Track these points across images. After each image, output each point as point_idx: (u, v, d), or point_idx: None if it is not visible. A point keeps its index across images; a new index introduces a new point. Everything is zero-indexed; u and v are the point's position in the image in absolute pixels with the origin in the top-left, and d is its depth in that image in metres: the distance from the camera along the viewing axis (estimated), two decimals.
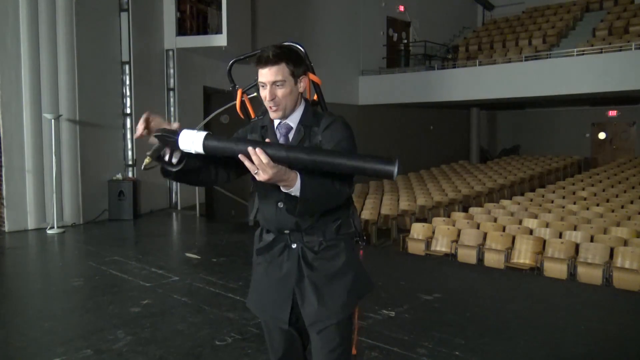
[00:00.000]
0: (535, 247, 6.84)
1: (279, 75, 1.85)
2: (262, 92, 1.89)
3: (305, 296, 1.93)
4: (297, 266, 1.95)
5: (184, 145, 1.69)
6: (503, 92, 14.18)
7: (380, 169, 1.58)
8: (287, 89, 1.87)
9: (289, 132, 1.96)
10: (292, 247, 1.96)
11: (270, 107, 1.89)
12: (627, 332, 4.12)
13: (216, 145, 1.67)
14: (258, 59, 1.85)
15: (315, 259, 1.94)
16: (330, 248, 1.96)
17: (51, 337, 3.78)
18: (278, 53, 1.84)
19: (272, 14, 12.68)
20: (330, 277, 1.95)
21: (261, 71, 1.85)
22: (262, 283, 2.04)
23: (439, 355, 3.48)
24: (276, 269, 1.99)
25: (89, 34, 8.79)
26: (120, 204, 9.08)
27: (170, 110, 10.40)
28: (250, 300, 2.11)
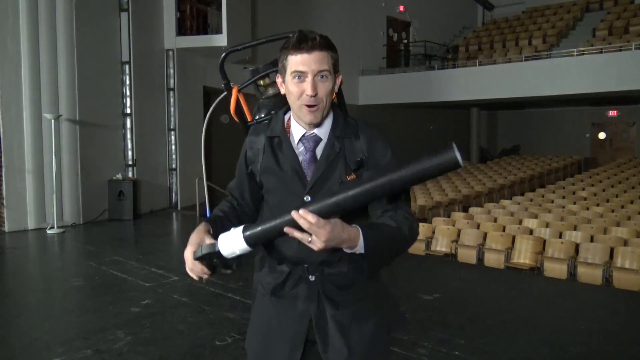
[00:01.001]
0: (535, 247, 6.84)
1: (324, 63, 1.47)
2: (297, 87, 1.47)
3: (329, 340, 1.54)
4: (317, 304, 1.55)
5: (228, 252, 1.43)
6: (503, 92, 14.19)
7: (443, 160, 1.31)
8: (330, 85, 1.49)
9: (316, 146, 1.54)
10: (311, 280, 1.56)
11: (308, 108, 1.47)
12: (627, 332, 4.12)
13: (259, 233, 1.41)
14: (299, 40, 1.45)
15: (339, 294, 1.55)
16: (357, 279, 1.57)
17: (51, 337, 3.78)
18: (323, 38, 1.48)
19: (272, 14, 12.68)
20: (359, 315, 1.57)
21: (300, 57, 1.45)
22: (268, 322, 1.61)
23: (439, 355, 3.47)
24: (287, 306, 1.58)
25: (89, 34, 8.79)
26: (120, 204, 9.08)
27: (170, 110, 10.40)
28: (250, 342, 1.68)
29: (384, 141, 1.57)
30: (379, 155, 1.54)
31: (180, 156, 10.38)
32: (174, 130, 10.39)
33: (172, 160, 10.45)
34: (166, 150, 10.41)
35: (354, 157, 1.53)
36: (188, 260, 1.46)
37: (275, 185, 1.56)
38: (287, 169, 1.53)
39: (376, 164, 1.52)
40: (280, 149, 1.55)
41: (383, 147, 1.56)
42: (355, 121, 1.60)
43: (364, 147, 1.54)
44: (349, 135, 1.55)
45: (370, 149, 1.54)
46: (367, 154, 1.53)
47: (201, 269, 1.44)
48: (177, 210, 10.19)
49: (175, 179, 10.45)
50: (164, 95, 10.35)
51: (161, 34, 10.26)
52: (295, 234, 1.35)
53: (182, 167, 10.38)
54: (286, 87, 1.51)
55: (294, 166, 1.52)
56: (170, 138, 10.43)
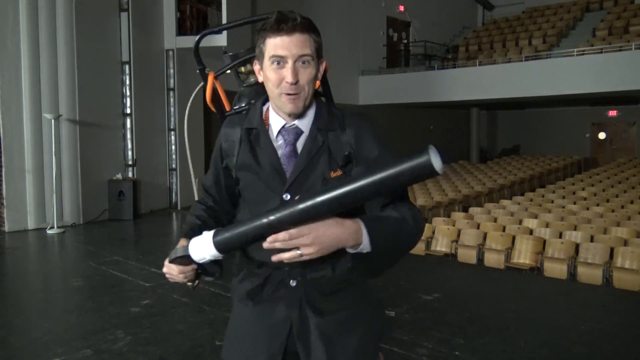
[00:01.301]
0: (535, 247, 6.84)
1: (306, 47, 1.31)
2: (276, 73, 1.32)
3: (312, 352, 1.40)
4: (299, 311, 1.40)
5: (198, 257, 1.31)
6: (503, 92, 14.18)
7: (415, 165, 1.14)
8: (312, 71, 1.34)
9: (297, 139, 1.40)
10: (291, 285, 1.41)
11: (288, 96, 1.33)
12: (627, 332, 4.12)
13: (229, 239, 1.27)
14: (278, 20, 1.30)
15: (323, 301, 1.41)
16: (343, 284, 1.43)
17: (51, 337, 3.78)
18: (305, 19, 1.33)
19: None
20: (345, 324, 1.42)
21: (280, 39, 1.30)
22: (244, 330, 1.48)
23: (439, 355, 3.48)
24: (265, 313, 1.43)
25: (89, 34, 8.79)
26: (120, 204, 9.08)
27: (170, 110, 10.40)
28: (226, 352, 1.54)
29: (373, 132, 1.42)
30: (368, 148, 1.39)
31: (180, 156, 10.38)
32: (174, 130, 10.39)
33: (172, 160, 10.46)
34: (166, 150, 10.41)
35: (341, 152, 1.38)
36: (165, 265, 1.36)
37: (252, 182, 1.43)
38: (264, 164, 1.40)
39: (366, 159, 1.38)
40: (258, 143, 1.42)
41: (372, 139, 1.41)
42: (341, 111, 1.45)
43: (352, 140, 1.39)
44: (334, 128, 1.40)
45: (358, 141, 1.39)
46: (355, 148, 1.39)
47: (178, 271, 1.33)
48: (177, 210, 10.19)
49: (175, 179, 10.46)
50: (164, 95, 10.35)
51: (161, 34, 10.26)
52: (284, 256, 1.21)
53: (182, 167, 10.38)
54: (264, 73, 1.36)
55: (272, 161, 1.39)
56: (170, 138, 10.43)
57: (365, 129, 1.42)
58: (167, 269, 1.36)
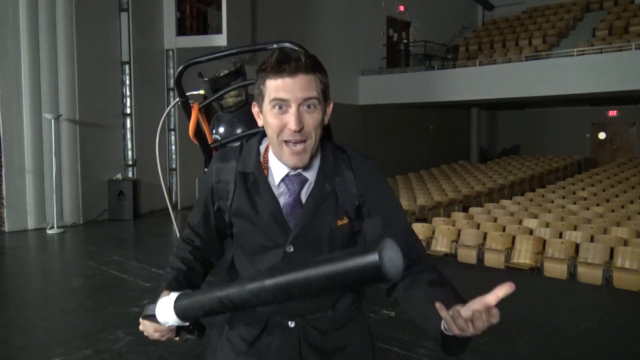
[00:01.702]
0: (535, 247, 6.84)
1: (312, 89, 1.19)
2: (277, 119, 1.19)
3: None
4: (298, 353, 1.32)
5: (163, 320, 1.19)
6: (503, 92, 14.18)
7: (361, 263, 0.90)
8: (319, 116, 1.21)
9: (301, 187, 1.28)
10: (290, 327, 1.32)
11: (294, 144, 1.19)
12: (627, 332, 4.12)
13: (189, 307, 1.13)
14: (280, 60, 1.17)
15: (324, 340, 1.33)
16: (344, 324, 1.36)
17: (51, 337, 3.78)
18: (310, 58, 1.20)
19: (272, 14, 12.67)
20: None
21: (282, 81, 1.17)
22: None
23: (439, 355, 3.47)
24: (260, 355, 1.34)
25: (89, 34, 8.79)
26: (120, 204, 9.08)
27: (171, 111, 10.40)
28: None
29: (380, 177, 1.34)
30: (377, 198, 1.31)
31: (180, 156, 10.38)
32: (174, 130, 10.39)
33: (172, 160, 10.46)
34: (166, 150, 10.41)
35: (348, 198, 1.28)
36: (140, 322, 1.25)
37: (249, 232, 1.30)
38: (264, 214, 1.27)
39: (379, 209, 1.29)
40: (256, 190, 1.27)
41: (381, 187, 1.32)
42: (346, 152, 1.34)
43: (360, 186, 1.29)
44: (341, 173, 1.29)
45: (367, 189, 1.30)
46: (364, 197, 1.29)
47: (152, 329, 1.21)
48: (177, 210, 10.19)
49: (175, 179, 10.46)
50: (164, 95, 10.34)
51: (161, 34, 10.26)
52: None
53: (182, 167, 10.38)
54: (264, 117, 1.23)
55: (273, 212, 1.26)
56: (170, 138, 10.43)
57: (373, 174, 1.32)
58: (142, 326, 1.24)
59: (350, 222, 1.29)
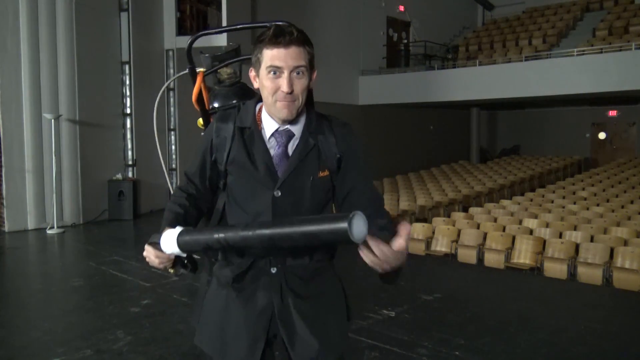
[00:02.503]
0: (535, 247, 6.84)
1: (301, 59, 1.42)
2: (272, 82, 1.42)
3: (296, 333, 1.50)
4: (280, 296, 1.50)
5: (167, 250, 1.40)
6: (503, 92, 14.17)
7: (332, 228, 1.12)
8: (306, 81, 1.45)
9: (289, 141, 1.51)
10: (272, 273, 1.51)
11: (283, 103, 1.43)
12: (627, 332, 4.12)
13: (191, 241, 1.37)
14: (276, 34, 1.39)
15: (302, 285, 1.53)
16: (319, 271, 1.56)
17: (51, 337, 3.78)
18: (301, 33, 1.42)
19: (271, 14, 12.67)
20: (324, 306, 1.56)
21: (277, 51, 1.40)
22: (225, 318, 1.56)
23: (439, 355, 3.48)
24: (247, 299, 1.53)
25: (89, 34, 8.79)
26: (120, 204, 9.08)
27: (170, 110, 10.40)
28: (203, 338, 1.65)
29: (357, 138, 1.58)
30: (353, 155, 1.55)
31: (180, 156, 10.38)
32: (174, 130, 10.39)
33: (172, 160, 10.46)
34: (166, 150, 10.41)
35: (330, 153, 1.52)
36: (145, 248, 1.45)
37: (243, 178, 1.52)
38: (258, 162, 1.50)
39: (353, 167, 1.54)
40: (252, 142, 1.52)
41: (357, 147, 1.56)
42: (327, 117, 1.59)
43: (340, 144, 1.53)
44: (323, 132, 1.53)
45: (345, 147, 1.54)
46: (343, 153, 1.53)
47: (154, 254, 1.41)
48: None
49: (175, 179, 10.45)
50: (164, 95, 10.34)
51: (161, 34, 10.26)
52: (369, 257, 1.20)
53: (182, 167, 10.38)
54: (260, 81, 1.46)
55: (266, 160, 1.49)
56: (170, 138, 10.43)
57: (351, 137, 1.56)
58: (146, 252, 1.44)
59: (330, 175, 1.53)
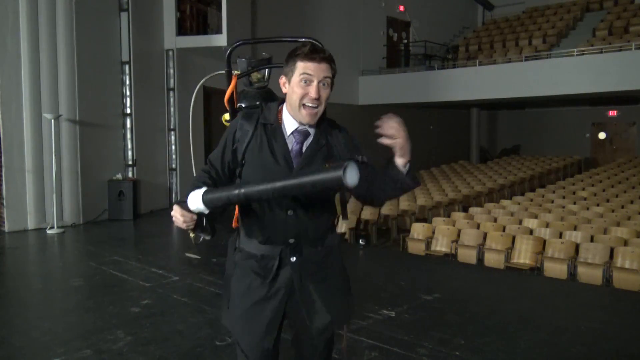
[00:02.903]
0: (535, 247, 6.84)
1: (328, 73, 1.74)
2: (303, 88, 1.72)
3: (314, 308, 1.84)
4: (300, 280, 1.83)
5: (193, 207, 1.68)
6: (503, 92, 14.18)
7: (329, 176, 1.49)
8: (329, 91, 1.77)
9: (305, 139, 1.81)
10: (292, 261, 1.82)
11: (310, 107, 1.73)
12: (627, 332, 4.12)
13: (212, 198, 1.65)
14: (312, 50, 1.71)
15: (317, 270, 1.85)
16: (328, 255, 1.89)
17: (51, 337, 3.78)
18: (329, 54, 1.76)
19: (272, 14, 12.68)
20: (334, 285, 1.89)
21: (310, 64, 1.70)
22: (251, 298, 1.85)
23: (439, 355, 3.48)
24: (269, 285, 1.83)
25: (89, 34, 8.78)
26: (120, 204, 9.08)
27: (170, 110, 10.40)
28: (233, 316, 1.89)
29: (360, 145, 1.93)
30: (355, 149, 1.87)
31: (180, 156, 10.38)
32: (174, 130, 10.38)
33: (172, 160, 10.45)
34: (166, 151, 10.41)
35: (343, 152, 1.83)
36: (173, 208, 1.71)
37: (259, 166, 1.79)
38: (278, 154, 1.78)
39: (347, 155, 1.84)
40: (274, 136, 1.80)
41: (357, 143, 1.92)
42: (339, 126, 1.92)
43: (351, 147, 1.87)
44: (332, 132, 1.85)
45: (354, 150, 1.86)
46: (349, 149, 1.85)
47: (180, 213, 1.68)
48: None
49: (175, 179, 10.45)
50: (164, 95, 10.34)
51: (161, 34, 10.25)
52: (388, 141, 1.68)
53: (182, 167, 10.38)
54: (291, 87, 1.75)
55: (284, 154, 1.78)
56: (170, 138, 10.43)
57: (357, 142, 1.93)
58: (173, 212, 1.70)
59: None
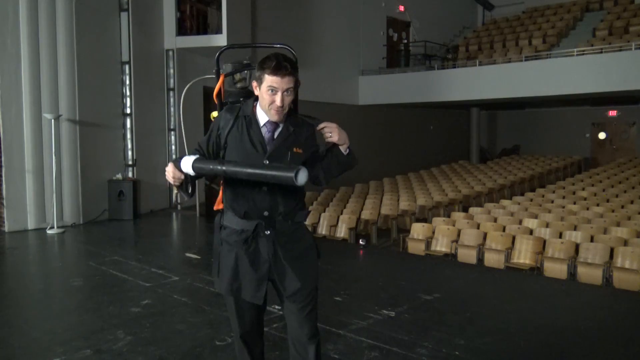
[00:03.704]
0: (535, 247, 6.84)
1: (290, 84, 2.11)
2: (270, 97, 2.12)
3: (286, 273, 2.25)
4: (273, 250, 2.23)
5: (184, 169, 2.10)
6: (503, 92, 14.18)
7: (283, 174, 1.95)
8: (291, 97, 2.15)
9: (275, 129, 2.23)
10: (267, 234, 2.23)
11: (276, 111, 2.14)
12: (627, 332, 4.12)
13: (199, 166, 2.07)
14: (276, 67, 2.08)
15: (287, 242, 2.26)
16: (297, 231, 2.31)
17: (51, 337, 3.78)
18: (292, 65, 2.12)
19: (272, 14, 12.68)
20: (302, 255, 2.30)
21: (275, 78, 2.08)
22: (238, 267, 2.26)
23: (439, 355, 3.48)
24: (252, 253, 2.24)
25: (89, 34, 8.78)
26: (120, 204, 9.08)
27: (170, 110, 10.40)
28: (222, 283, 2.31)
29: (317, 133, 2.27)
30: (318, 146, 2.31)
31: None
32: (174, 130, 10.38)
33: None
34: (166, 151, 10.41)
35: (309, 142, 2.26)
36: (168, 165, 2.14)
37: (241, 149, 2.21)
38: (254, 140, 2.21)
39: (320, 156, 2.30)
40: (250, 126, 2.22)
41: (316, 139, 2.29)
42: (301, 116, 2.30)
43: (311, 136, 2.27)
44: (299, 124, 2.25)
45: (312, 138, 2.28)
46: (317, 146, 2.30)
47: (172, 170, 2.11)
48: (177, 210, 10.18)
49: None
50: (164, 95, 10.34)
51: (161, 34, 10.25)
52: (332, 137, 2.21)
53: None
54: (260, 93, 2.16)
55: (260, 139, 2.21)
56: (170, 138, 10.43)
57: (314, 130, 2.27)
58: (167, 167, 2.13)
59: (304, 153, 2.24)
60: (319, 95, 13.36)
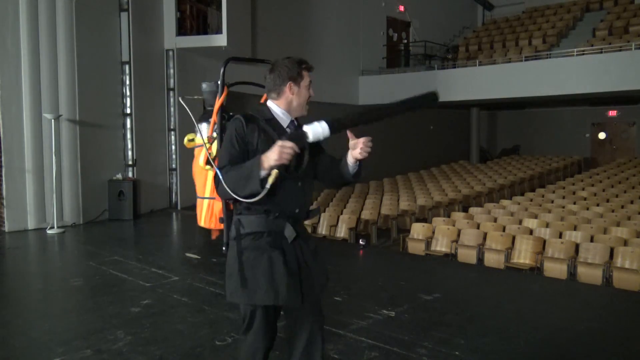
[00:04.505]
0: (535, 247, 6.84)
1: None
2: (308, 92, 2.33)
3: (312, 269, 2.30)
4: (301, 249, 2.28)
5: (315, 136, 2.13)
6: (503, 92, 14.17)
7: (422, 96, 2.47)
8: None
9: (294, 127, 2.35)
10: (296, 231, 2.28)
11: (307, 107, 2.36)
12: (627, 332, 4.13)
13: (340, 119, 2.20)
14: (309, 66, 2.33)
15: (307, 238, 2.37)
16: (309, 237, 2.43)
17: (51, 337, 3.78)
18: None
19: (272, 14, 12.68)
20: (316, 250, 2.39)
21: (310, 74, 2.32)
22: (273, 271, 2.17)
23: (439, 355, 3.48)
24: (285, 254, 2.22)
25: (89, 34, 8.79)
26: (120, 204, 9.08)
27: (170, 110, 10.40)
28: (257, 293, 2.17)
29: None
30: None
31: (180, 156, 10.38)
32: (174, 130, 10.38)
33: (172, 160, 10.45)
34: (166, 151, 10.41)
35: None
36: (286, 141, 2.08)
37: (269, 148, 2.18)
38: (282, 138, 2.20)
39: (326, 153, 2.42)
40: (276, 128, 2.26)
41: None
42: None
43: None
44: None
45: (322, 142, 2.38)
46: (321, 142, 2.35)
47: (292, 145, 2.05)
48: (177, 210, 10.19)
49: (175, 179, 10.45)
50: (164, 95, 10.34)
51: (161, 34, 10.26)
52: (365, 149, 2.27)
53: (182, 167, 10.38)
54: (300, 90, 2.29)
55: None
56: (170, 138, 10.43)
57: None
58: (290, 144, 2.05)
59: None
60: (319, 95, 13.18)
